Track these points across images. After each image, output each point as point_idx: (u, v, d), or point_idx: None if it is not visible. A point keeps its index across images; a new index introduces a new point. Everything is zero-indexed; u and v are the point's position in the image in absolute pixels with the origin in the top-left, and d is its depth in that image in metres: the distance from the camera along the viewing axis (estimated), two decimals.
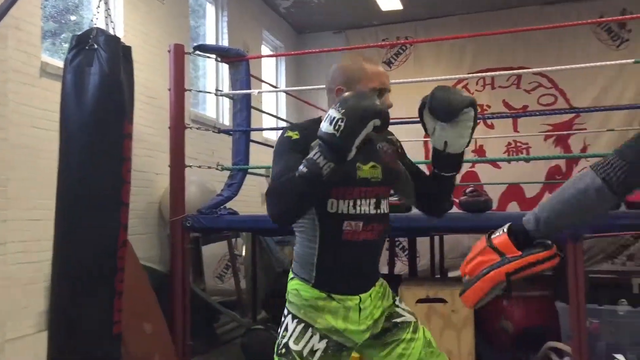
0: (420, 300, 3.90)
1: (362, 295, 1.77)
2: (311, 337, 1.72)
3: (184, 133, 4.01)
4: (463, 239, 6.44)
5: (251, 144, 4.31)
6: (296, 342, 1.72)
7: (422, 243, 6.09)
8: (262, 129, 5.75)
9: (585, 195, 1.30)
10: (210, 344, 4.60)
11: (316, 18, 7.39)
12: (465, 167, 6.65)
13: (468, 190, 4.16)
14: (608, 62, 5.03)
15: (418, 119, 1.77)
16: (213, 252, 5.59)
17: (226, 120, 5.93)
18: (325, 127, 1.51)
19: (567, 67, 5.00)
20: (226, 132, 4.48)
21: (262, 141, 5.98)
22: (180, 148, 4.00)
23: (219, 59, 4.35)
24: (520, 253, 1.37)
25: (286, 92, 7.02)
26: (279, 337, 1.77)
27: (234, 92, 4.34)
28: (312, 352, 1.71)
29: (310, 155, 1.54)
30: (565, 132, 6.35)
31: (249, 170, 4.34)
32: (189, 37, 5.40)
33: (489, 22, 6.62)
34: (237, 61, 4.29)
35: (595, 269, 5.93)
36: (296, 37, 7.84)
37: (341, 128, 1.48)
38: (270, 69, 7.49)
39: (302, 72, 7.64)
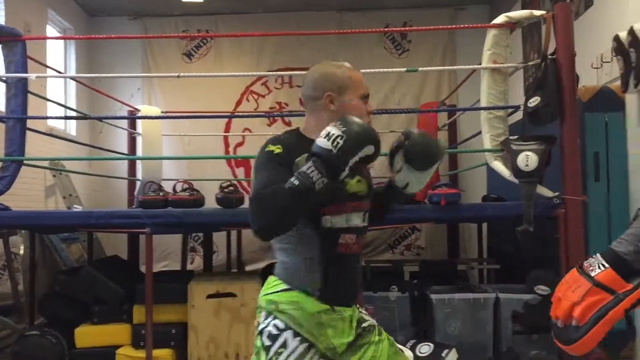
0: (210, 296, 3.91)
1: (353, 306, 1.79)
2: (311, 358, 1.69)
3: None
4: None
5: (32, 134, 3.95)
6: None
7: (221, 237, 6.11)
8: (42, 117, 5.29)
9: None
10: None
11: (110, 1, 6.98)
12: None
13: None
14: (390, 70, 5.51)
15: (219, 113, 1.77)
16: None
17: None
18: (322, 142, 1.50)
19: (362, 71, 5.36)
20: None
21: (47, 131, 5.52)
22: None
23: None
24: (630, 285, 1.26)
25: (74, 78, 6.54)
26: (271, 352, 1.67)
27: (6, 75, 3.92)
28: None
29: (303, 168, 1.51)
30: None
31: (30, 163, 3.97)
32: None
33: (290, 22, 6.84)
34: (11, 41, 3.89)
35: (379, 258, 6.46)
36: (88, 20, 7.32)
37: (339, 145, 1.49)
38: (59, 53, 6.90)
39: (95, 58, 7.16)
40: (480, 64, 3.93)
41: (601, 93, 4.01)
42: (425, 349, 3.76)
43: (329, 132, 1.51)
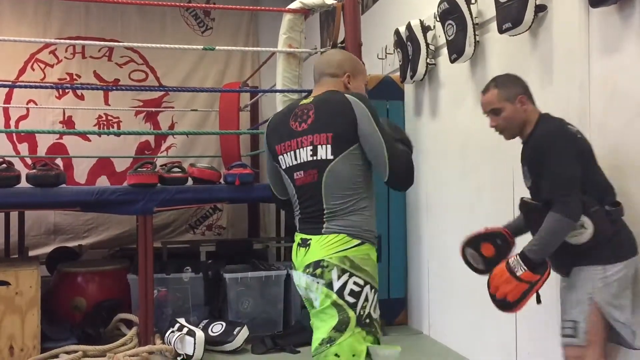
0: None
1: None
2: (378, 302, 1.91)
3: None
4: (48, 215, 6.06)
5: None
6: (375, 310, 1.87)
7: None
8: None
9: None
10: None
11: None
12: (53, 139, 6.25)
13: (39, 164, 3.89)
14: (192, 47, 5.40)
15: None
16: None
17: None
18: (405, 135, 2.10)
19: (156, 45, 5.08)
20: None
21: None
22: None
23: None
24: (538, 276, 2.05)
25: None
26: (359, 308, 1.82)
27: None
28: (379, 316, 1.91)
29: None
30: (154, 109, 6.53)
31: None
32: None
33: None
34: None
35: (180, 239, 6.32)
36: None
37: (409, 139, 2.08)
38: None
39: None
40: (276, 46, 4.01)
41: (384, 82, 4.34)
42: (217, 328, 3.79)
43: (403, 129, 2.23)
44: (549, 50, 2.76)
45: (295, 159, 1.94)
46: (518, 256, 2.08)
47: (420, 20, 3.84)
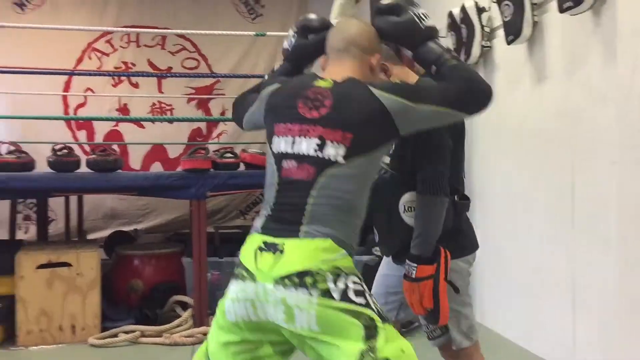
0: (41, 266, 3.65)
1: None
2: None
3: None
4: (106, 200, 6.25)
5: None
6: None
7: (59, 205, 5.71)
8: None
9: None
10: None
11: None
12: (109, 126, 6.44)
13: (98, 150, 4.01)
14: (243, 33, 5.45)
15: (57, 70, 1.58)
16: None
17: None
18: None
19: (207, 32, 5.22)
20: None
21: None
22: None
23: None
24: (434, 266, 1.79)
25: None
26: (372, 304, 1.50)
27: None
28: None
29: None
30: (206, 96, 6.63)
31: None
32: None
33: None
34: None
35: (230, 224, 6.42)
36: None
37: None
38: None
39: None
40: None
41: None
42: None
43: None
44: (613, 29, 2.65)
45: (292, 147, 1.58)
46: (409, 260, 1.84)
47: (474, 1, 3.75)
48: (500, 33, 3.47)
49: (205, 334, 3.61)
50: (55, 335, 3.62)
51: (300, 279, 1.46)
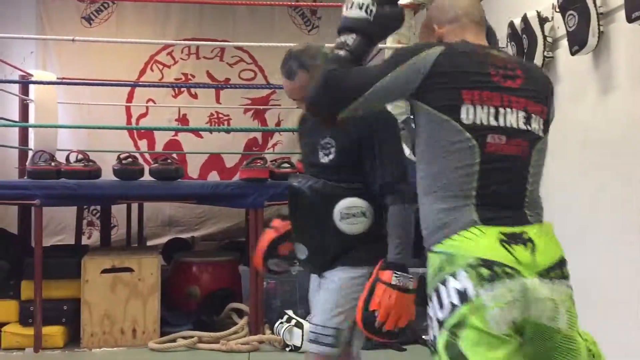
0: (105, 271, 3.78)
1: None
2: None
3: None
4: (164, 207, 6.43)
5: None
6: None
7: (121, 211, 5.90)
8: None
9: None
10: None
11: None
12: (169, 135, 6.62)
13: (161, 159, 4.12)
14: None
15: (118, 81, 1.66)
16: None
17: None
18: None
19: (263, 44, 5.31)
20: None
21: None
22: None
23: None
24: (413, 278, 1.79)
25: None
26: None
27: None
28: None
29: None
30: (262, 107, 6.74)
31: None
32: None
33: None
34: None
35: None
36: None
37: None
38: None
39: None
40: (385, 43, 3.99)
41: None
42: None
43: None
44: None
45: (496, 119, 1.41)
46: (395, 271, 1.78)
47: (537, 11, 3.67)
48: (563, 43, 3.38)
49: (261, 342, 3.67)
50: (117, 338, 3.74)
51: (561, 268, 1.40)
